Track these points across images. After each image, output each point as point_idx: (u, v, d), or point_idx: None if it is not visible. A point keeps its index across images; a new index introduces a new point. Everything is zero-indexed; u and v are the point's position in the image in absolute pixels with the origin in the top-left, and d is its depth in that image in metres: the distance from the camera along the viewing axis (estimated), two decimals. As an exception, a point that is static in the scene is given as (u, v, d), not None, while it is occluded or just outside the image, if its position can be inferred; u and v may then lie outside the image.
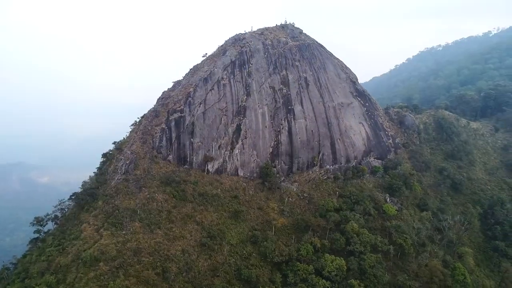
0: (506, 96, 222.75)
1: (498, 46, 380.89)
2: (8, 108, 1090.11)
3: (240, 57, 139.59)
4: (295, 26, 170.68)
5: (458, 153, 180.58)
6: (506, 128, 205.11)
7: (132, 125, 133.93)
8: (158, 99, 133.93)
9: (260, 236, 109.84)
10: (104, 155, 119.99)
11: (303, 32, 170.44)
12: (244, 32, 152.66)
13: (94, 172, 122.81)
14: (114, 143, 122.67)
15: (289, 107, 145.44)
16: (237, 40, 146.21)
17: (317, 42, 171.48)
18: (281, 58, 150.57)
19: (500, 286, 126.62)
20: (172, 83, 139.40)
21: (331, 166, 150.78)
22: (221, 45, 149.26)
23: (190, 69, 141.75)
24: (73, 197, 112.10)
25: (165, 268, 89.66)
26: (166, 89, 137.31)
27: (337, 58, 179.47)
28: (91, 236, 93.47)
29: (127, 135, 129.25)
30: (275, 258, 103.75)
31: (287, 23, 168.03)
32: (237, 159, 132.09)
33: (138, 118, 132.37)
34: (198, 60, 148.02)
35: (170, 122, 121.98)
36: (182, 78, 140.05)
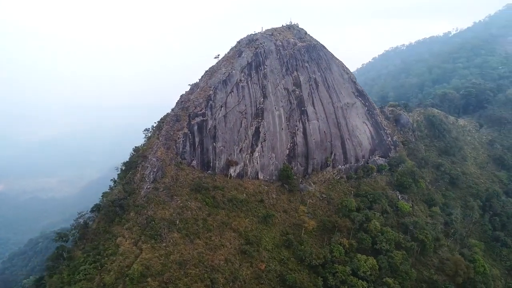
0: (485, 94, 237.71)
1: (463, 46, 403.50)
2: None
3: (255, 58, 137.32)
4: (299, 26, 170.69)
5: (451, 149, 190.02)
6: (489, 124, 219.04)
7: (146, 130, 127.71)
8: (177, 103, 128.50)
9: (295, 240, 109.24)
10: (125, 164, 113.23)
11: (307, 33, 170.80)
12: (255, 33, 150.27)
13: (113, 181, 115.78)
14: (135, 149, 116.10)
15: (302, 108, 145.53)
16: (251, 41, 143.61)
17: (320, 43, 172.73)
18: (292, 59, 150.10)
19: (508, 275, 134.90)
20: (189, 86, 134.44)
21: (342, 166, 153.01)
22: (235, 46, 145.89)
23: (206, 71, 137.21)
24: (94, 210, 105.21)
25: (213, 280, 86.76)
26: (184, 92, 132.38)
27: (338, 59, 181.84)
28: (130, 250, 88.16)
29: (145, 140, 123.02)
30: (312, 262, 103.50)
31: (292, 23, 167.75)
32: (257, 162, 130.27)
33: (155, 122, 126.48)
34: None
35: (192, 127, 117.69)
36: (198, 80, 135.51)
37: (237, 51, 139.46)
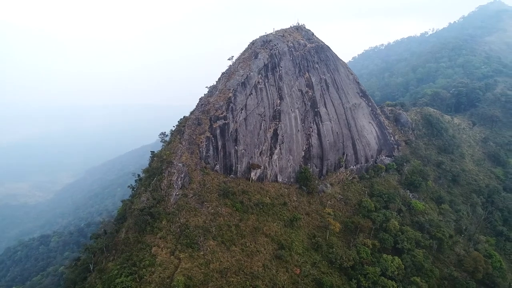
0: (475, 92, 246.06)
1: (445, 46, 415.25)
2: None
3: (271, 60, 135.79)
4: (306, 28, 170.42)
5: (449, 147, 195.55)
6: (481, 122, 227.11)
7: (161, 134, 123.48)
8: (197, 106, 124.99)
9: (324, 243, 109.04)
10: (148, 170, 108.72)
11: (314, 34, 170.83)
12: (268, 34, 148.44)
13: (131, 188, 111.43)
14: (156, 154, 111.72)
15: (316, 110, 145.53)
16: (265, 43, 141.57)
17: (326, 44, 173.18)
18: (303, 61, 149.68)
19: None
20: (207, 88, 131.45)
21: (354, 166, 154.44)
22: (249, 47, 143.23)
23: (223, 73, 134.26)
24: (119, 218, 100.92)
25: (255, 287, 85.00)
26: (203, 95, 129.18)
27: (342, 60, 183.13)
28: (168, 260, 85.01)
29: (164, 145, 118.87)
30: (344, 264, 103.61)
31: (299, 24, 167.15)
32: (276, 165, 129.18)
33: (173, 126, 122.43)
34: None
35: (215, 130, 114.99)
36: (215, 83, 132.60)
37: (252, 52, 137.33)
